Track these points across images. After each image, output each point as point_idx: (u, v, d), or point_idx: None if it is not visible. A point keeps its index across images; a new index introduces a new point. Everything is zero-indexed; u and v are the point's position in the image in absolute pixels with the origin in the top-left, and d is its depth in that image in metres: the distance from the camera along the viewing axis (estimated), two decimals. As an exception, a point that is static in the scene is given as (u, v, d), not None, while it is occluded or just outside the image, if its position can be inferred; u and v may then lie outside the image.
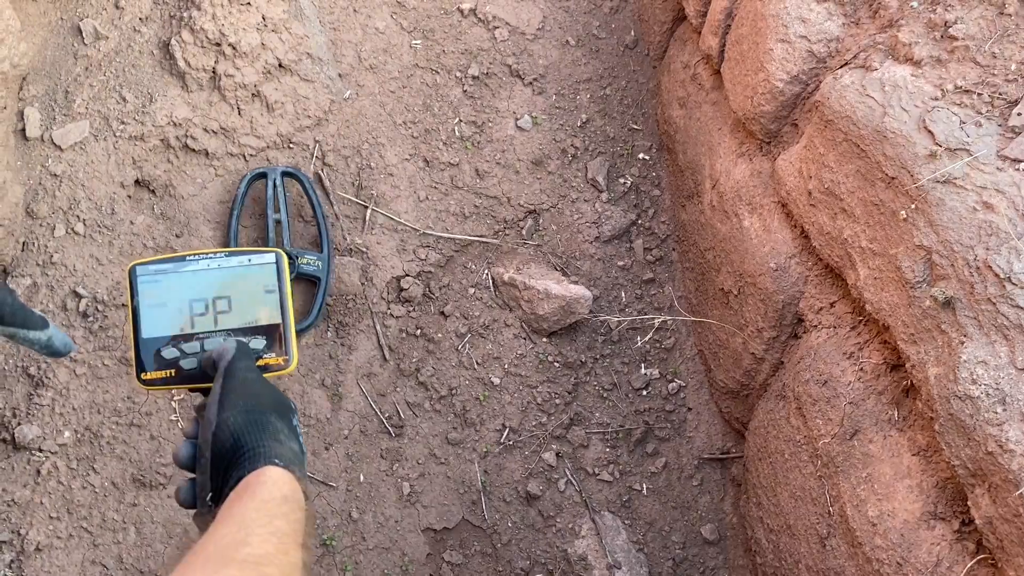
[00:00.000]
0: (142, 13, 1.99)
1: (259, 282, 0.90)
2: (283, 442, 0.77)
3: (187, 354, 0.86)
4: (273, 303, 0.90)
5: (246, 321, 0.89)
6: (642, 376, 1.98)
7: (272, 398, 0.81)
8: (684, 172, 2.03)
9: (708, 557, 1.88)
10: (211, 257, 0.90)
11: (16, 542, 1.62)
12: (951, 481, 1.18)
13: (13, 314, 0.79)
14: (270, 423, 0.77)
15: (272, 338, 0.89)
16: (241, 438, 0.75)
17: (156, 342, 0.87)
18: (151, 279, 0.88)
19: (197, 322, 0.88)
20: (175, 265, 0.89)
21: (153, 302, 0.88)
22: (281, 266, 0.91)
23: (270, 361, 0.88)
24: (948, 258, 1.16)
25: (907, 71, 1.32)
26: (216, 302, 0.89)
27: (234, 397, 0.78)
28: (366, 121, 2.07)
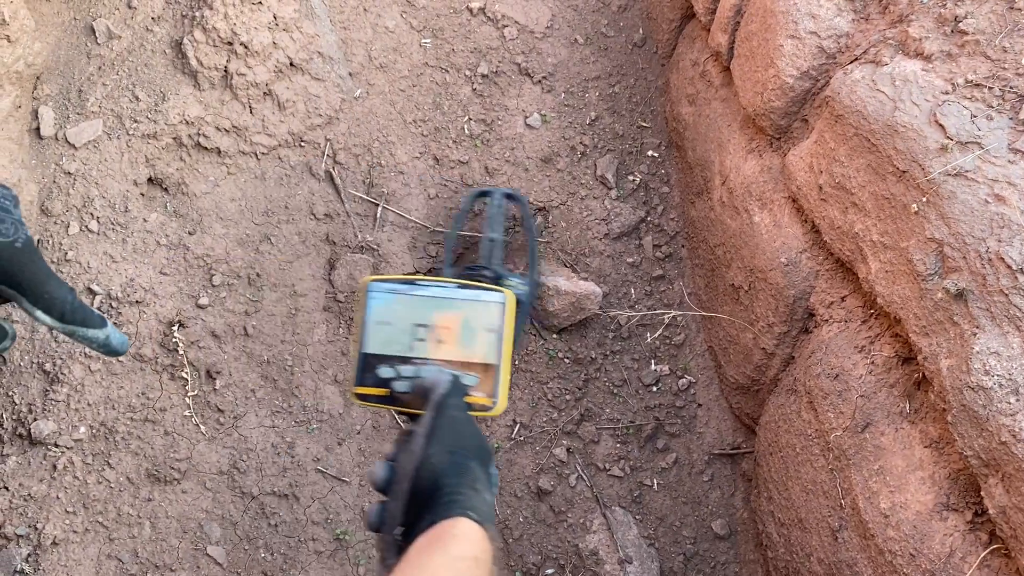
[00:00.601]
0: (154, 12, 2.00)
1: (483, 319, 0.90)
2: (479, 491, 0.75)
3: (402, 376, 0.87)
4: (493, 342, 0.90)
5: (463, 355, 0.89)
6: (652, 372, 1.99)
7: (477, 442, 0.80)
8: (693, 169, 2.04)
9: (719, 552, 1.88)
10: (442, 286, 0.91)
11: (33, 536, 1.63)
12: (963, 472, 1.19)
13: (73, 312, 0.79)
14: (471, 469, 0.76)
15: (484, 377, 0.89)
16: (441, 480, 0.74)
17: (376, 359, 0.88)
18: (383, 297, 0.90)
19: (417, 347, 0.89)
20: (407, 287, 0.90)
21: (380, 319, 0.89)
22: (507, 308, 0.91)
23: (477, 400, 0.88)
24: (960, 250, 1.17)
25: (917, 65, 1.33)
26: (439, 331, 0.90)
27: (442, 434, 0.77)
28: (376, 119, 2.08)
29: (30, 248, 0.74)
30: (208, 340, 1.84)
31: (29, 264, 0.74)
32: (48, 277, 0.76)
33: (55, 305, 0.77)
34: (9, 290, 0.74)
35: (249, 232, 1.94)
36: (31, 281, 0.75)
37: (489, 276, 1.85)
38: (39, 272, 0.76)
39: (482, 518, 0.73)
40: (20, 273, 0.74)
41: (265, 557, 1.74)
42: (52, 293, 0.76)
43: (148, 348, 1.79)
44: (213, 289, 1.87)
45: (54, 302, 0.77)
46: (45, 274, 0.76)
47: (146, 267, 1.85)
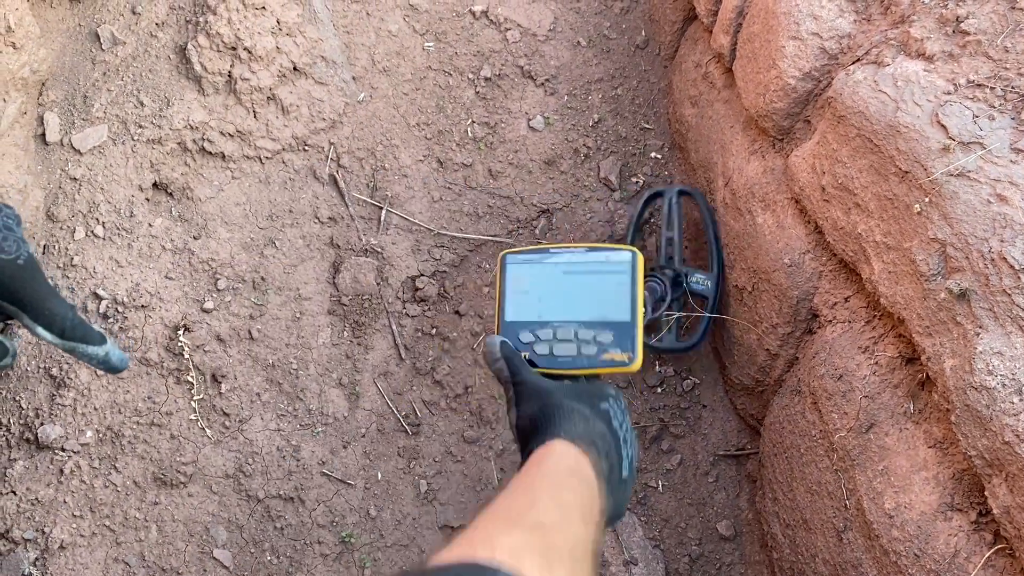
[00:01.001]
0: (158, 18, 2.01)
1: (614, 279, 0.93)
2: (577, 422, 0.80)
3: (541, 340, 0.92)
4: (624, 300, 0.93)
5: (597, 314, 0.92)
6: (657, 373, 1.99)
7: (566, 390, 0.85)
8: (696, 170, 2.04)
9: (724, 553, 1.88)
10: (573, 251, 0.96)
11: (40, 540, 1.64)
12: (968, 472, 1.19)
13: (73, 329, 0.80)
14: (564, 405, 0.81)
15: (619, 334, 0.92)
16: (537, 420, 0.81)
17: (517, 326, 0.93)
18: (518, 267, 0.95)
19: (553, 310, 0.93)
20: (540, 256, 0.96)
21: (518, 288, 0.94)
22: (635, 265, 0.95)
23: (615, 356, 0.91)
24: (963, 251, 1.17)
25: (919, 66, 1.33)
26: (573, 293, 0.93)
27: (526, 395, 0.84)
28: (380, 123, 2.09)
29: (32, 265, 0.76)
30: (213, 344, 1.84)
31: (31, 281, 0.76)
32: (49, 294, 0.77)
33: (56, 322, 0.78)
34: (10, 306, 0.76)
35: (254, 236, 1.95)
36: (32, 298, 0.76)
37: (670, 275, 1.85)
38: (41, 289, 0.77)
39: (574, 437, 0.77)
40: (22, 290, 0.75)
41: (271, 560, 1.75)
42: (53, 310, 0.77)
43: (154, 352, 1.80)
44: (218, 293, 1.88)
45: (55, 319, 0.78)
46: (46, 291, 0.77)
47: (151, 272, 1.86)
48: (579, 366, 0.92)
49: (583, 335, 0.92)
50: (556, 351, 0.92)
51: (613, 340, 0.91)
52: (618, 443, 0.83)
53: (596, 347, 0.91)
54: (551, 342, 0.92)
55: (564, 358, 0.92)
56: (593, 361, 0.92)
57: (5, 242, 0.74)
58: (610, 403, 0.86)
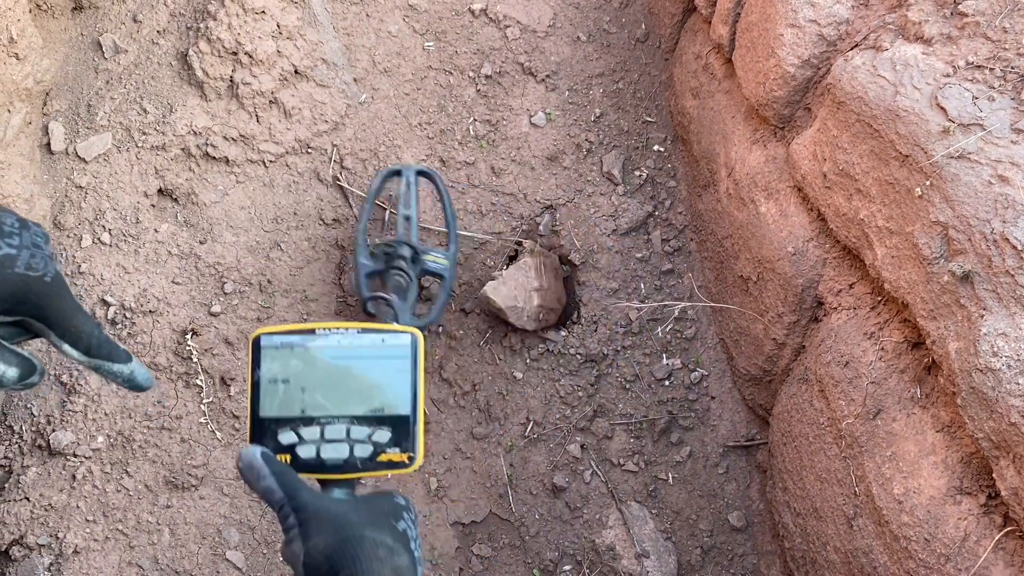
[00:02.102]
0: (160, 26, 2.03)
1: (391, 365, 0.82)
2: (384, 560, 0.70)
3: (305, 440, 0.80)
4: (404, 390, 0.81)
5: (372, 408, 0.81)
6: (664, 366, 1.99)
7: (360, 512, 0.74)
8: (699, 162, 2.04)
9: (736, 544, 1.88)
10: (342, 333, 0.82)
11: (54, 545, 1.66)
12: (976, 455, 1.18)
13: (99, 347, 0.79)
14: (366, 540, 0.70)
15: (398, 431, 0.80)
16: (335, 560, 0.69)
17: (275, 424, 0.80)
18: (275, 352, 0.81)
19: (319, 404, 0.81)
20: (303, 338, 0.81)
21: (276, 377, 0.81)
22: (416, 349, 0.82)
23: (393, 457, 0.80)
24: (965, 233, 1.17)
25: (918, 49, 1.33)
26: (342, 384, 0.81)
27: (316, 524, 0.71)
28: (382, 124, 2.10)
29: (59, 283, 0.75)
30: (222, 347, 1.85)
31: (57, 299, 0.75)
32: (76, 311, 0.77)
33: (82, 339, 0.77)
34: (37, 324, 0.75)
35: (259, 239, 1.96)
36: (59, 315, 0.75)
37: (407, 254, 1.81)
38: (67, 306, 0.76)
39: None
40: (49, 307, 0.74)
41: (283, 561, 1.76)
42: (79, 327, 0.77)
43: (163, 357, 1.81)
44: (225, 297, 1.89)
45: (81, 336, 0.77)
46: (73, 308, 0.76)
47: (158, 277, 1.87)
48: (351, 470, 0.79)
49: (356, 434, 0.79)
50: (324, 454, 0.79)
51: (391, 438, 0.80)
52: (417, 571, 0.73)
53: (371, 447, 0.79)
54: (318, 443, 0.79)
55: (334, 461, 0.79)
56: (367, 464, 0.79)
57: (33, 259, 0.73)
58: (406, 519, 0.75)
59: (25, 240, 0.73)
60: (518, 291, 1.91)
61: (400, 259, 1.80)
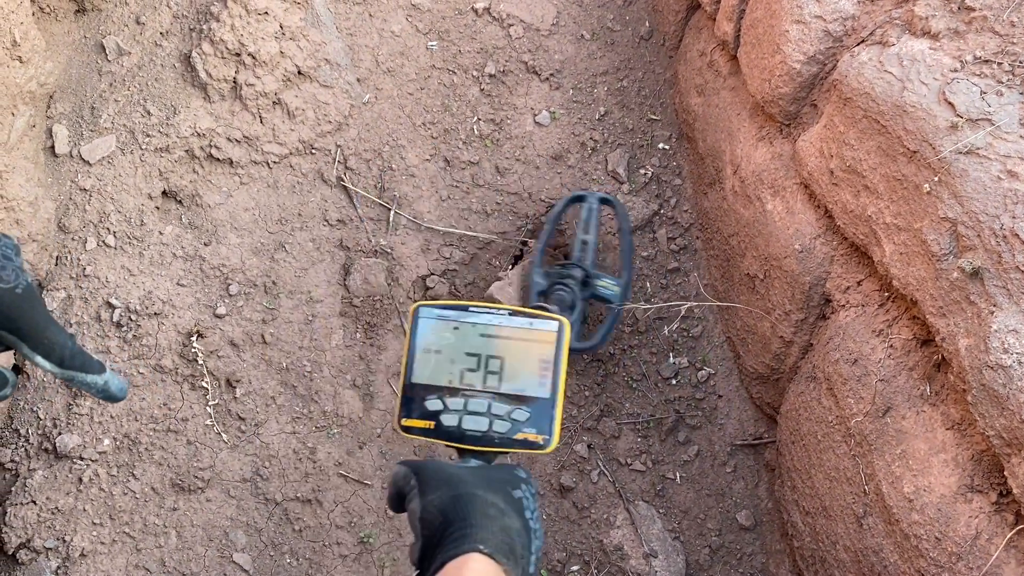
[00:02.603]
0: (163, 27, 2.02)
1: (536, 349, 0.85)
2: (494, 518, 0.72)
3: (450, 409, 0.83)
4: (546, 375, 0.84)
5: (514, 388, 0.84)
6: (671, 365, 1.98)
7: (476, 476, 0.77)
8: (705, 159, 2.03)
9: (745, 543, 1.87)
10: (494, 313, 0.86)
11: (62, 549, 1.65)
12: (987, 453, 1.17)
13: (72, 358, 0.79)
14: (477, 498, 0.73)
15: (537, 412, 0.83)
16: (448, 513, 0.72)
17: (423, 390, 0.84)
18: (431, 323, 0.85)
19: (466, 377, 0.84)
20: (457, 313, 0.86)
21: (429, 347, 0.85)
22: (562, 336, 0.85)
23: (529, 436, 0.83)
24: (974, 228, 1.16)
25: (925, 44, 1.32)
26: (489, 361, 0.84)
27: (433, 483, 0.75)
28: (386, 124, 2.09)
29: (31, 294, 0.75)
30: (227, 349, 1.85)
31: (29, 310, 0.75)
32: (48, 323, 0.77)
33: (55, 351, 0.77)
34: (9, 336, 0.75)
35: (264, 241, 1.95)
36: (31, 327, 0.75)
37: (578, 275, 1.84)
38: (39, 318, 0.76)
39: (494, 549, 0.69)
40: (20, 319, 0.74)
41: (291, 563, 1.76)
42: (52, 339, 0.77)
43: (168, 359, 1.81)
44: (230, 298, 1.89)
45: (54, 347, 0.77)
46: (45, 320, 0.76)
47: (163, 279, 1.87)
48: (488, 443, 0.83)
49: (497, 409, 0.83)
50: (465, 424, 0.83)
51: (529, 418, 0.83)
52: (529, 538, 0.75)
53: (510, 424, 0.83)
54: (461, 413, 0.83)
55: (473, 433, 0.83)
56: (504, 440, 0.83)
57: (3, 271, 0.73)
58: (523, 490, 0.78)
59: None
60: (524, 292, 1.91)
61: (570, 278, 1.83)
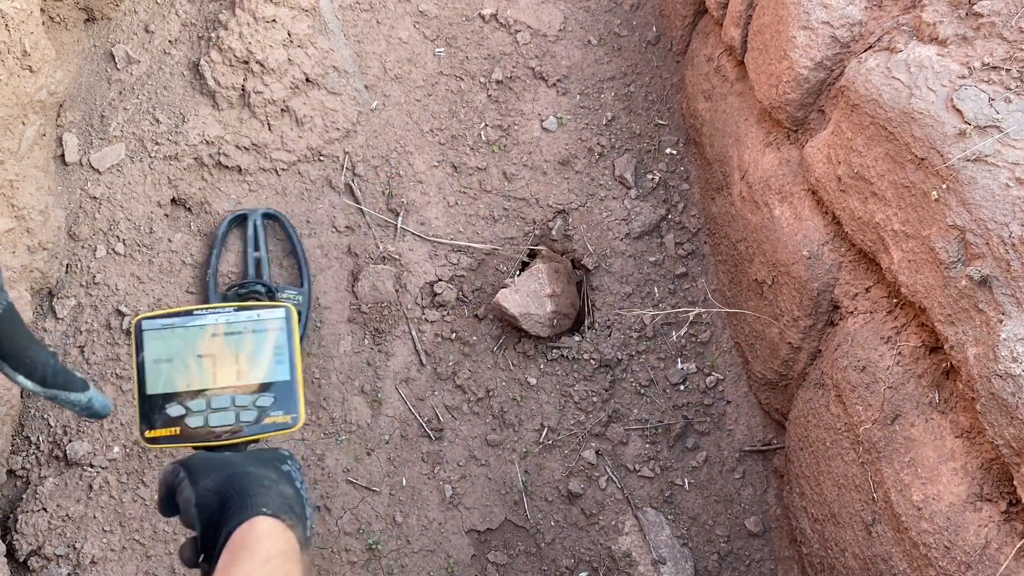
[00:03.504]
0: (171, 36, 2.03)
1: (268, 337, 0.88)
2: (269, 487, 0.75)
3: (192, 411, 0.85)
4: (283, 359, 0.88)
5: (255, 377, 0.87)
6: (679, 371, 1.97)
7: (243, 457, 0.81)
8: (712, 165, 2.02)
9: (753, 549, 1.87)
10: (220, 312, 0.88)
11: (72, 556, 1.66)
12: (996, 461, 1.17)
13: (55, 376, 0.79)
14: (250, 473, 0.76)
15: (280, 395, 0.87)
16: (224, 492, 0.74)
17: (161, 399, 0.85)
18: (157, 334, 0.86)
19: (204, 378, 0.86)
20: (183, 319, 0.87)
21: (159, 357, 0.86)
22: (290, 320, 0.89)
23: (277, 419, 0.87)
24: (982, 236, 1.15)
25: (932, 51, 1.31)
26: (224, 357, 0.87)
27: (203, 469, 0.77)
28: (393, 130, 2.10)
29: (11, 315, 0.75)
30: (236, 356, 1.86)
31: (10, 330, 0.75)
32: (29, 342, 0.77)
33: (37, 369, 0.77)
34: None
35: (272, 247, 1.96)
36: (12, 346, 0.75)
37: (262, 290, 1.84)
38: (20, 338, 0.76)
39: (276, 510, 0.72)
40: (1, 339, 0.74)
41: (300, 569, 1.76)
42: (34, 358, 0.77)
43: (177, 366, 1.81)
44: (239, 305, 1.90)
45: (36, 366, 0.77)
46: (26, 339, 0.77)
47: (172, 287, 1.88)
48: (240, 435, 0.85)
49: (240, 400, 0.85)
50: (212, 421, 0.84)
51: (274, 402, 0.86)
52: (303, 504, 0.78)
53: (256, 411, 0.85)
54: (205, 412, 0.85)
55: (222, 428, 0.84)
56: (254, 428, 0.85)
57: None
58: (289, 464, 0.82)
59: None
60: (531, 298, 1.91)
61: (256, 294, 1.83)
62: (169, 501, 0.78)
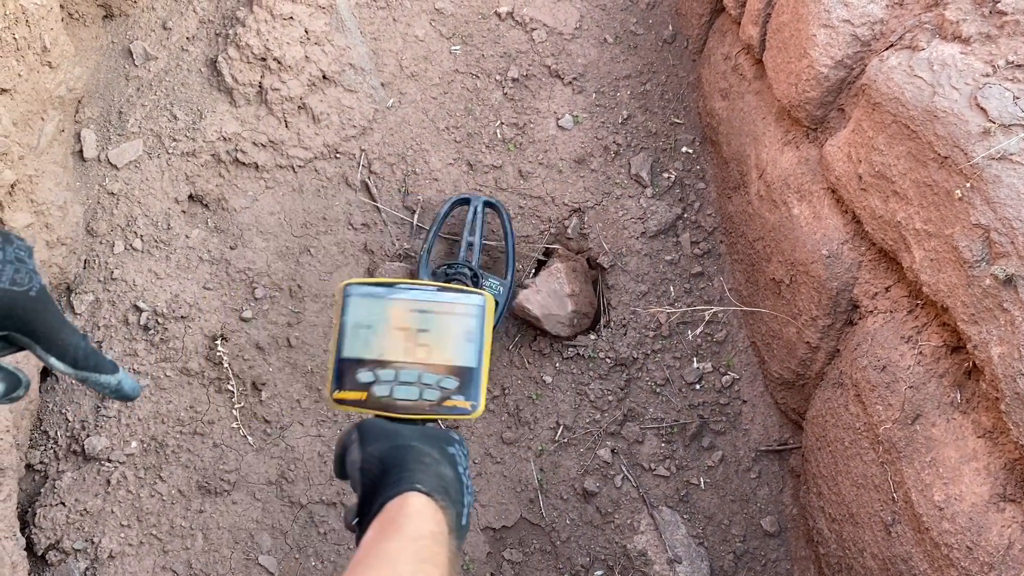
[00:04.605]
0: (189, 32, 2.04)
1: (463, 322, 0.90)
2: (428, 465, 0.77)
3: (381, 380, 0.87)
4: (472, 346, 0.89)
5: (443, 358, 0.89)
6: (695, 370, 1.97)
7: (413, 431, 0.83)
8: (729, 163, 2.02)
9: (769, 549, 1.86)
10: (421, 289, 0.90)
11: (90, 550, 1.67)
12: (1019, 461, 1.16)
13: (86, 358, 0.80)
14: (414, 448, 0.78)
15: (464, 380, 0.88)
16: (387, 461, 0.76)
17: (355, 364, 0.87)
18: (361, 300, 0.89)
19: (396, 350, 0.88)
20: (386, 290, 0.89)
21: (360, 322, 0.88)
22: (486, 309, 0.90)
23: (458, 403, 0.88)
24: (1007, 235, 1.15)
25: (956, 49, 1.31)
26: (418, 334, 0.88)
27: (373, 435, 0.80)
28: (410, 128, 2.10)
29: (44, 297, 0.76)
30: (252, 352, 1.86)
31: (43, 312, 0.76)
32: (62, 324, 0.78)
33: (68, 352, 0.78)
34: (24, 338, 0.76)
35: (289, 244, 1.96)
36: (45, 329, 0.76)
37: (468, 273, 1.88)
38: (53, 320, 0.77)
39: (431, 489, 0.74)
40: (34, 321, 0.75)
41: (315, 565, 1.76)
42: (66, 340, 0.78)
43: (194, 362, 1.82)
44: (256, 302, 1.90)
45: (67, 348, 0.78)
46: (59, 321, 0.77)
47: (190, 283, 1.88)
48: (419, 411, 0.87)
49: (427, 379, 0.87)
50: (396, 394, 0.87)
51: (457, 386, 0.88)
52: (462, 490, 0.80)
53: (439, 392, 0.87)
54: (392, 384, 0.87)
55: (404, 402, 0.87)
56: (435, 407, 0.87)
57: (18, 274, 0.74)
58: (456, 448, 0.83)
59: (8, 255, 0.73)
60: (552, 298, 1.91)
61: (461, 275, 1.88)
62: (341, 462, 0.83)
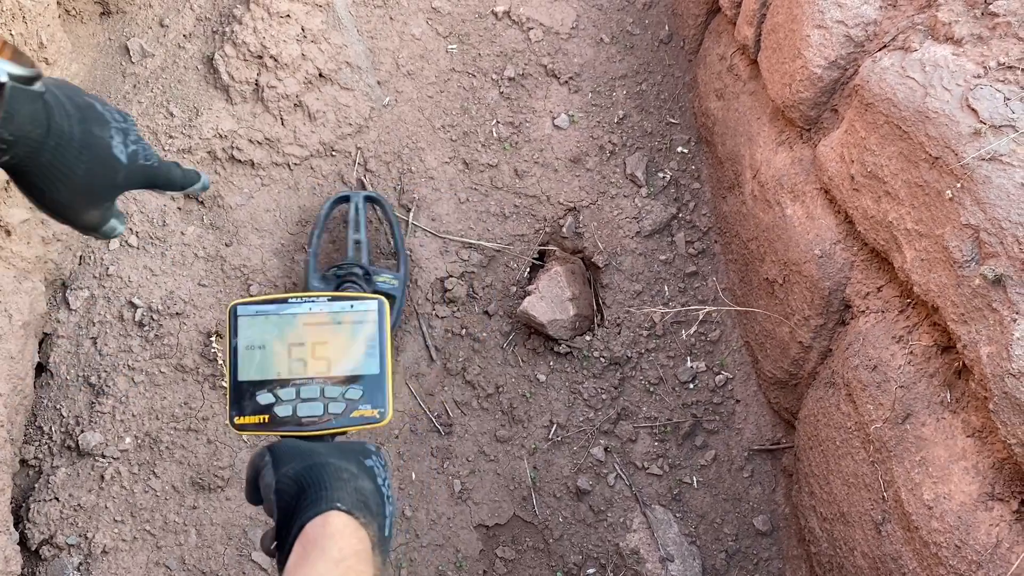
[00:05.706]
0: (186, 30, 2.04)
1: (360, 330, 0.88)
2: (348, 481, 0.75)
3: (282, 400, 0.86)
4: (373, 352, 0.87)
5: (344, 369, 0.87)
6: (688, 369, 1.98)
7: (327, 448, 0.81)
8: (724, 164, 2.03)
9: (761, 548, 1.87)
10: (312, 301, 0.88)
11: (84, 545, 1.67)
12: (1008, 461, 1.17)
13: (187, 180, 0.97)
14: (330, 464, 0.77)
15: (369, 388, 0.87)
16: (302, 481, 0.75)
17: (253, 386, 0.86)
18: (251, 320, 0.87)
19: (294, 367, 0.87)
20: (276, 307, 0.88)
21: (252, 343, 0.87)
22: (383, 314, 0.88)
23: (365, 412, 0.86)
24: (997, 236, 1.15)
25: (948, 50, 1.31)
26: (315, 347, 0.87)
27: (286, 455, 0.78)
28: (406, 126, 2.10)
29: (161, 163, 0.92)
30: (247, 349, 1.86)
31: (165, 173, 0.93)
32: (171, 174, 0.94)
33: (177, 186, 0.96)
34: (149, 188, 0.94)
35: (284, 242, 1.97)
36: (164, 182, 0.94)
37: (359, 273, 1.85)
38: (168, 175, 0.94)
39: (351, 506, 0.72)
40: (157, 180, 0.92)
41: (309, 562, 1.77)
42: (176, 182, 0.96)
43: (189, 359, 1.82)
44: (250, 299, 1.90)
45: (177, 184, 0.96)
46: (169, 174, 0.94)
47: (185, 279, 1.89)
48: (327, 427, 0.85)
49: (330, 392, 0.86)
50: (300, 411, 0.85)
51: (363, 395, 0.86)
52: (383, 501, 0.79)
53: (344, 404, 0.85)
54: (294, 402, 0.85)
55: (310, 419, 0.85)
56: (342, 420, 0.85)
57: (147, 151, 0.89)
58: (373, 460, 0.82)
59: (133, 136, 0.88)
60: (555, 303, 1.91)
61: (353, 276, 1.84)
62: (254, 485, 0.80)
